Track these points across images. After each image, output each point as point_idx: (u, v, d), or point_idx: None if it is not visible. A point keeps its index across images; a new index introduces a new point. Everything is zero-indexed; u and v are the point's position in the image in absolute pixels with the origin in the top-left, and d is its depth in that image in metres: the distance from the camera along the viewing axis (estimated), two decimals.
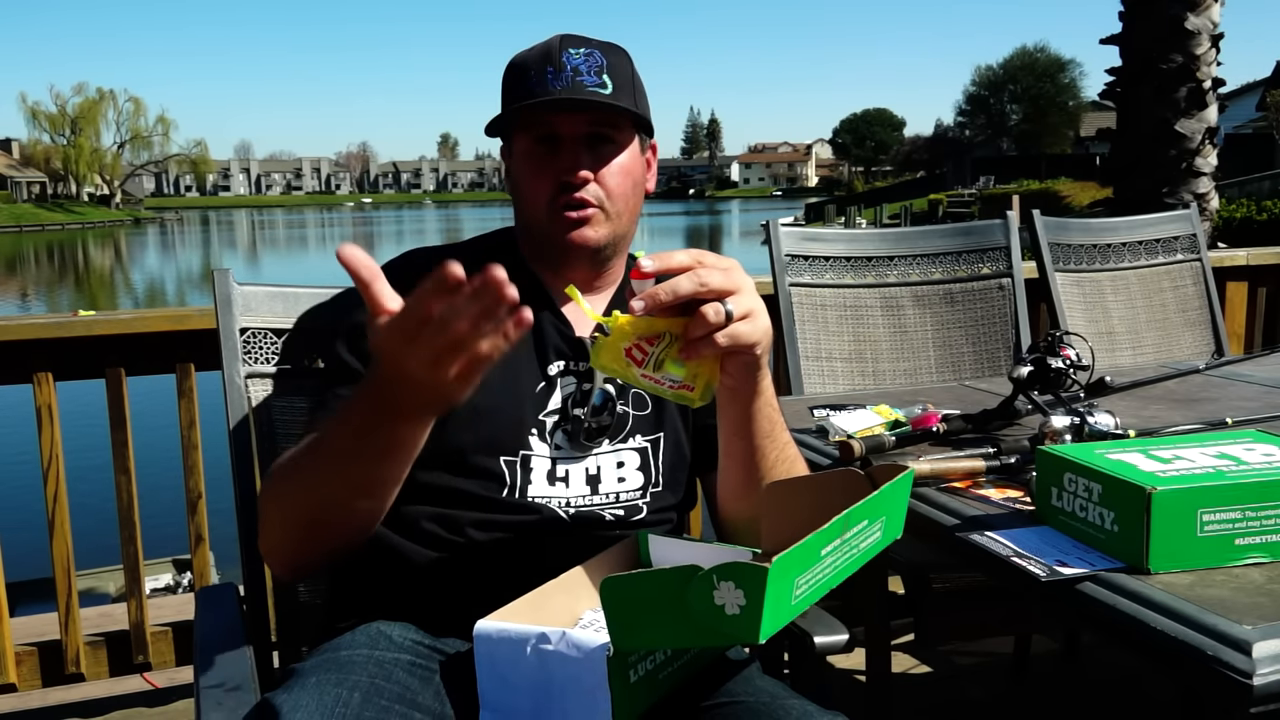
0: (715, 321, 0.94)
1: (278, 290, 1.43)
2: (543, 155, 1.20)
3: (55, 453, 2.25)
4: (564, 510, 1.20)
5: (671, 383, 0.96)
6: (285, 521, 1.10)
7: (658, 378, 0.96)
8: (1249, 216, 17.17)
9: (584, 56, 1.19)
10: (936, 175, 63.57)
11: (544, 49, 1.20)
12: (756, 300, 0.98)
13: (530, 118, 1.20)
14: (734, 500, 1.20)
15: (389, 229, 75.30)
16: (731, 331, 0.95)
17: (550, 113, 1.19)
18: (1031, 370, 1.41)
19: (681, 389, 0.97)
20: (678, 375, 0.96)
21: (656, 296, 0.92)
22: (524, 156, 1.22)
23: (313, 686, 0.98)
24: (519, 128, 1.23)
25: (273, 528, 1.12)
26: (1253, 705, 0.80)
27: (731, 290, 0.95)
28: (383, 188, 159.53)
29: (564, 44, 1.20)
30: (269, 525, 1.13)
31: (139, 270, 43.69)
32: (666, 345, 0.95)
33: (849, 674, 2.33)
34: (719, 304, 0.94)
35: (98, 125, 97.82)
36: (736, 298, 0.96)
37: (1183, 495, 0.95)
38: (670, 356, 0.95)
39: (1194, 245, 2.69)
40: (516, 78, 1.21)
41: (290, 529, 1.10)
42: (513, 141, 1.25)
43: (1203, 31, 5.78)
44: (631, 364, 0.95)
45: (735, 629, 0.81)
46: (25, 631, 2.43)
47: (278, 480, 1.10)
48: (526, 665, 0.97)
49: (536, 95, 1.17)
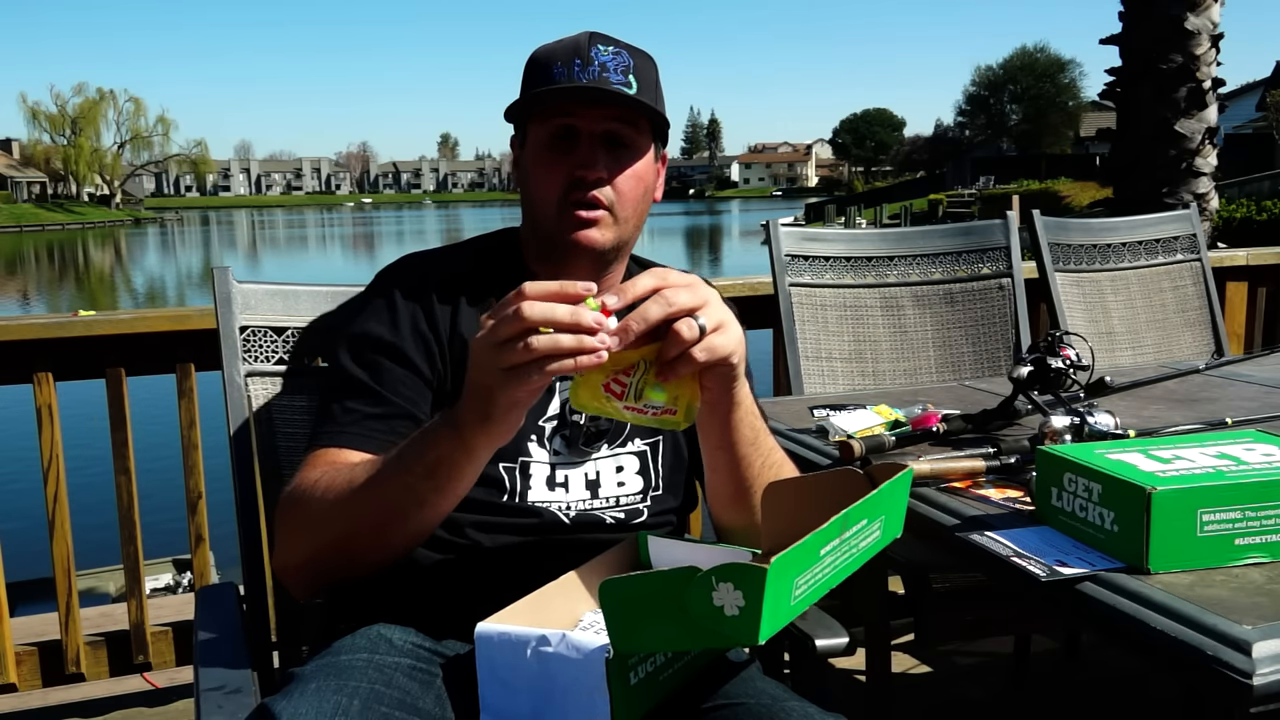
0: (690, 337, 0.94)
1: (277, 288, 1.43)
2: (559, 148, 1.19)
3: (55, 453, 2.25)
4: (564, 515, 1.20)
5: (654, 409, 0.96)
6: (319, 545, 1.11)
7: (640, 407, 0.96)
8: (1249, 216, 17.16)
9: (612, 55, 1.18)
10: (936, 175, 63.57)
11: (573, 43, 1.19)
12: (725, 311, 0.99)
13: (551, 108, 1.19)
14: (725, 509, 1.20)
15: (389, 229, 75.30)
16: (707, 344, 0.95)
17: (573, 103, 1.17)
18: (1031, 370, 1.41)
19: (665, 414, 0.97)
20: (659, 401, 0.96)
21: (629, 329, 0.92)
22: (539, 147, 1.21)
23: (312, 693, 0.97)
24: (537, 116, 1.20)
25: (298, 549, 1.13)
26: (1253, 705, 0.80)
27: (699, 305, 0.96)
28: (383, 188, 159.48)
29: (593, 40, 1.19)
30: (294, 546, 1.13)
31: (139, 270, 43.68)
32: (643, 374, 0.95)
33: (849, 674, 2.33)
34: (690, 319, 0.94)
35: (98, 125, 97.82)
36: (705, 310, 0.96)
37: (1183, 495, 0.95)
38: (649, 384, 0.95)
39: (1194, 245, 2.69)
40: (541, 67, 1.19)
41: (325, 552, 1.11)
42: (528, 130, 1.23)
43: (1203, 31, 5.78)
44: (611, 398, 0.95)
45: (735, 630, 0.81)
46: (25, 631, 2.43)
47: (313, 503, 1.09)
48: (526, 668, 0.97)
49: (561, 85, 1.17)
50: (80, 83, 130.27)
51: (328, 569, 1.14)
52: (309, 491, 1.10)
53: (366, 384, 1.18)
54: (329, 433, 1.17)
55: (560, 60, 1.17)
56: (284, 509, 1.15)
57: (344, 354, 1.21)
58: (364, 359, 1.19)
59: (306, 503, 1.10)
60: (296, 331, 1.43)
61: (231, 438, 1.38)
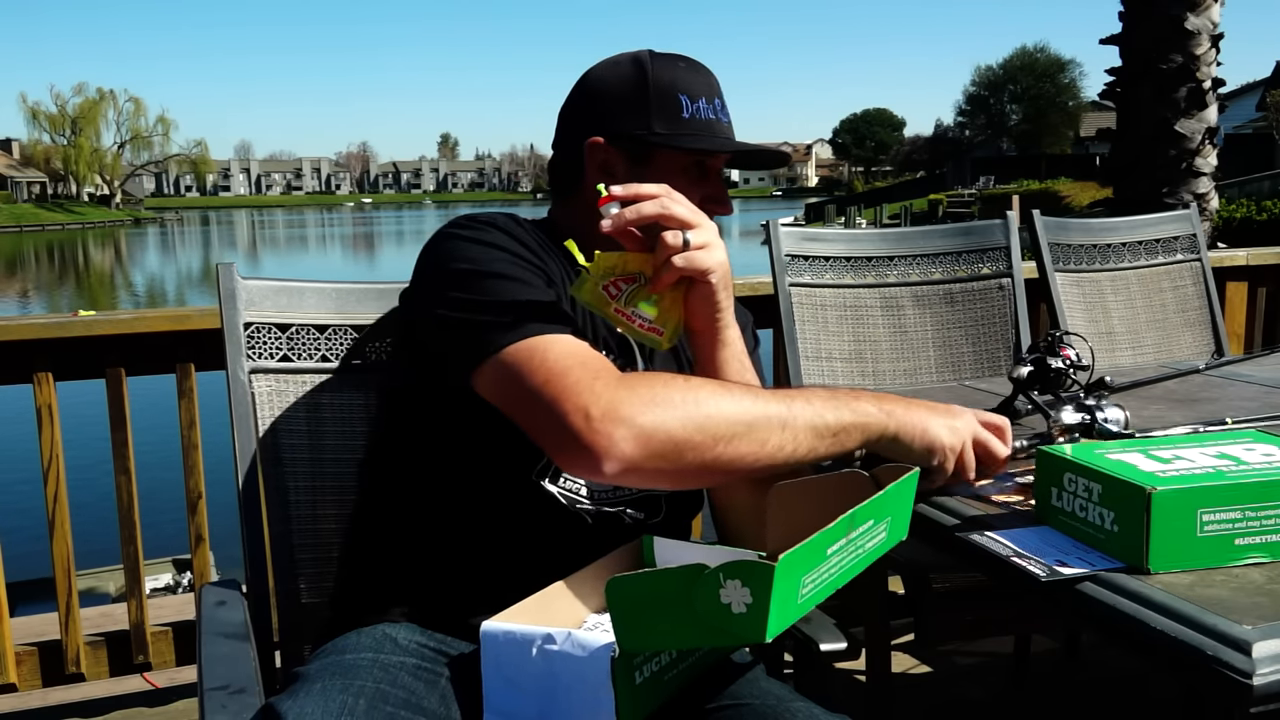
0: (673, 244, 1.04)
1: (282, 285, 1.43)
2: (694, 178, 1.23)
3: (55, 453, 2.25)
4: (583, 503, 1.18)
5: (642, 320, 1.06)
6: (691, 437, 1.00)
7: (629, 314, 1.05)
8: (1249, 216, 17.17)
9: (720, 92, 1.27)
10: (936, 175, 63.56)
11: (705, 80, 1.25)
12: (715, 237, 1.08)
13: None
14: (730, 491, 1.21)
15: (389, 229, 75.26)
16: (688, 256, 1.05)
17: (732, 151, 1.24)
18: (1031, 370, 1.41)
19: (651, 330, 1.06)
20: (649, 314, 1.06)
21: (624, 217, 1.03)
22: (671, 170, 1.21)
23: (318, 693, 0.97)
24: (678, 147, 1.22)
25: (673, 422, 0.99)
26: (1253, 705, 0.80)
27: (693, 224, 1.06)
28: (383, 188, 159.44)
29: (712, 74, 1.27)
30: (670, 419, 0.99)
31: (139, 270, 43.68)
32: (640, 285, 1.06)
33: (849, 674, 2.33)
34: (679, 231, 1.05)
35: (98, 125, 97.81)
36: (697, 231, 1.06)
37: (1183, 495, 0.95)
38: (642, 297, 1.05)
39: (1194, 245, 2.69)
40: (679, 97, 1.22)
41: (702, 436, 1.00)
42: (653, 149, 1.22)
43: (1202, 32, 5.78)
44: (607, 298, 1.05)
45: (742, 628, 0.81)
46: (25, 631, 2.43)
47: (694, 402, 1.01)
48: (532, 666, 0.97)
49: (714, 127, 1.23)
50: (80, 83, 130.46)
51: (684, 457, 1.01)
52: (676, 384, 1.02)
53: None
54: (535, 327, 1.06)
55: (704, 96, 1.24)
56: (647, 383, 1.02)
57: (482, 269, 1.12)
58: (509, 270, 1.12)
59: (685, 400, 1.00)
60: (300, 328, 1.43)
61: (235, 435, 1.38)
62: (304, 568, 1.39)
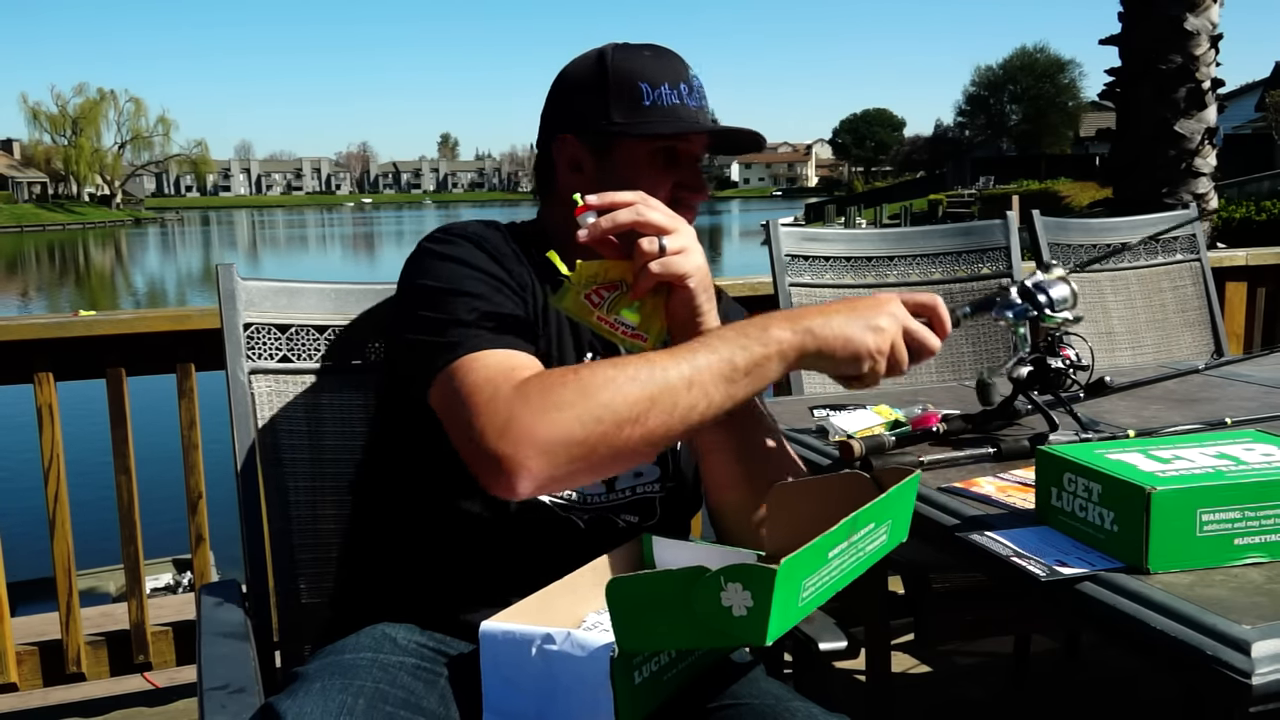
0: (649, 250, 1.03)
1: (281, 285, 1.43)
2: (662, 165, 1.21)
3: (56, 452, 2.25)
4: (575, 509, 1.19)
5: (625, 327, 1.06)
6: (589, 428, 0.96)
7: (612, 321, 1.05)
8: (1248, 217, 17.18)
9: (698, 78, 1.24)
10: (936, 175, 63.53)
11: (671, 65, 1.22)
12: (693, 242, 1.07)
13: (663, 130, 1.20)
14: (721, 491, 1.19)
15: (389, 229, 75.25)
16: (664, 262, 1.04)
17: (701, 134, 1.22)
18: (1031, 370, 1.41)
19: (635, 337, 1.06)
20: (631, 321, 1.06)
21: (599, 226, 1.02)
22: (639, 162, 1.19)
23: (317, 692, 0.97)
24: (639, 135, 1.19)
25: (570, 423, 0.96)
26: (1252, 705, 0.80)
27: (669, 229, 1.05)
28: (383, 188, 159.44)
29: (681, 60, 1.24)
30: (557, 423, 0.96)
31: (139, 270, 43.69)
32: (621, 293, 1.05)
33: (848, 674, 2.33)
34: (654, 238, 1.04)
35: (98, 126, 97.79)
36: (673, 236, 1.05)
37: (1182, 495, 0.95)
38: (624, 304, 1.05)
39: (1193, 245, 2.69)
40: (641, 85, 1.19)
41: (604, 427, 0.96)
42: (615, 141, 1.20)
43: (1202, 32, 5.79)
44: (590, 306, 1.05)
45: (742, 630, 0.81)
46: (26, 631, 2.43)
47: (588, 386, 0.97)
48: (531, 666, 0.97)
49: (679, 111, 1.20)
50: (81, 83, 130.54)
51: (585, 455, 0.98)
52: (574, 374, 1.00)
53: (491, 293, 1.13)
54: (481, 335, 1.07)
55: (667, 81, 1.20)
56: (539, 388, 0.99)
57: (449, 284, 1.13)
58: (475, 283, 1.13)
59: (583, 387, 0.98)
60: (300, 329, 1.43)
61: (235, 435, 1.38)
62: (304, 568, 1.39)
